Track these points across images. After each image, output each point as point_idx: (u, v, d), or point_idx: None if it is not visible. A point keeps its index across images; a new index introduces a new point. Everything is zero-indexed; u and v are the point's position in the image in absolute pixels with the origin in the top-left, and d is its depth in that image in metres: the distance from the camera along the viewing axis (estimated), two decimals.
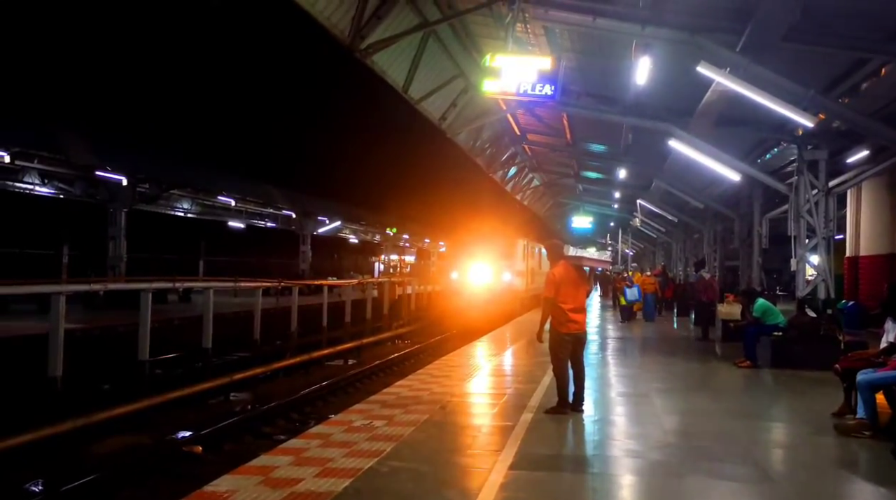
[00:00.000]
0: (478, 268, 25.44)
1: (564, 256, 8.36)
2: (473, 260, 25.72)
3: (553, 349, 8.00)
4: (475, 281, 25.24)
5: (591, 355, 12.42)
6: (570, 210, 49.99)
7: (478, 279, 25.23)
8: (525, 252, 27.19)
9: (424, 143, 23.19)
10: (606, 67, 15.72)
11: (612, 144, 23.70)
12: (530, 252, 28.36)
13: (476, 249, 25.83)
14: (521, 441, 6.60)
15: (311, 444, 6.36)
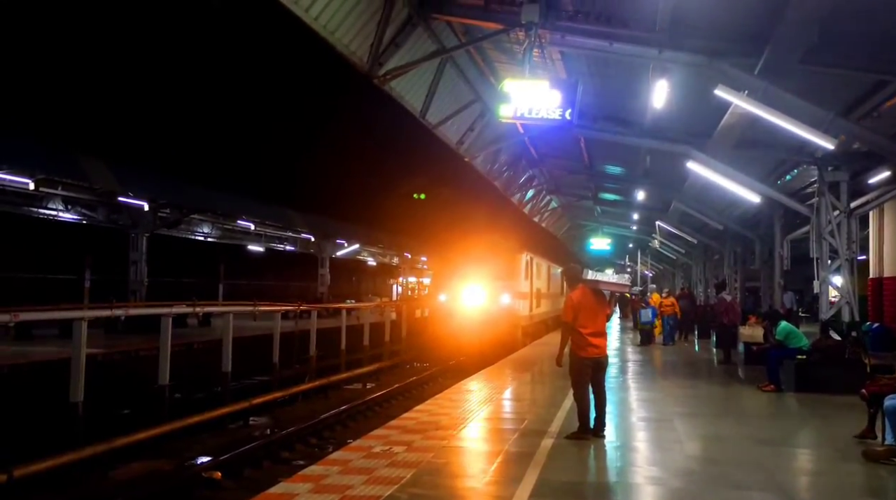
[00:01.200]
0: (466, 289, 21.02)
1: (583, 279, 8.32)
2: (461, 279, 21.24)
3: (573, 374, 7.96)
4: (463, 305, 20.89)
5: (611, 379, 12.29)
6: (588, 232, 49.80)
7: (467, 303, 20.91)
8: (529, 270, 22.81)
9: (442, 166, 23.35)
10: (623, 91, 15.75)
11: (630, 166, 23.66)
12: (537, 271, 24.26)
13: (465, 265, 21.31)
14: (542, 468, 6.54)
15: (330, 470, 6.34)
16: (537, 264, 24.36)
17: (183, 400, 14.00)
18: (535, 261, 24.00)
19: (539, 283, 24.60)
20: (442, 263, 23.60)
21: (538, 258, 24.83)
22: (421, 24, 13.47)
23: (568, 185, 32.34)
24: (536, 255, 24.47)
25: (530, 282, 22.86)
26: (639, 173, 23.72)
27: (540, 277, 24.89)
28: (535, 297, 23.79)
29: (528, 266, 22.55)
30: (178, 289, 27.70)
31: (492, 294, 20.90)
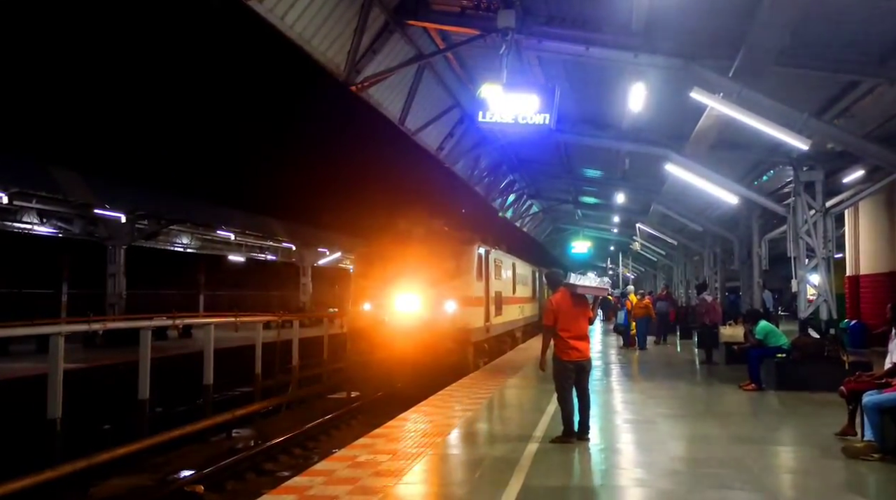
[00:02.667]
0: (395, 294, 15.31)
1: (563, 283, 8.33)
2: (388, 281, 15.45)
3: (557, 378, 7.95)
4: (392, 316, 15.18)
5: (595, 382, 12.31)
6: (569, 235, 50.04)
7: (396, 313, 15.17)
8: (485, 267, 17.15)
9: (422, 172, 23.34)
10: (601, 94, 15.86)
11: (609, 169, 23.81)
12: (498, 269, 18.93)
13: (394, 262, 15.65)
14: (526, 473, 6.52)
15: (314, 481, 6.28)
16: (498, 260, 18.84)
17: (164, 414, 13.83)
18: (495, 257, 18.48)
19: (501, 284, 19.07)
20: (364, 260, 17.28)
21: (500, 254, 19.39)
22: (398, 31, 13.47)
23: (548, 189, 32.49)
24: (498, 249, 19.33)
25: (486, 283, 17.06)
26: (618, 176, 23.87)
27: (502, 276, 19.31)
28: (496, 303, 18.08)
29: (483, 263, 16.85)
30: (157, 301, 27.41)
31: (430, 301, 15.12)
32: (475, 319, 16.04)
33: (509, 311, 20.60)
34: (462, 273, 15.84)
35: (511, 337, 21.74)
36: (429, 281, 15.32)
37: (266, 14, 10.69)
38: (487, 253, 17.45)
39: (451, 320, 15.18)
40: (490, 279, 17.50)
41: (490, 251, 17.83)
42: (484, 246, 17.34)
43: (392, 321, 15.12)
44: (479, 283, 16.60)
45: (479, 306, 16.42)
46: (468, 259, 16.13)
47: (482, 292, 16.83)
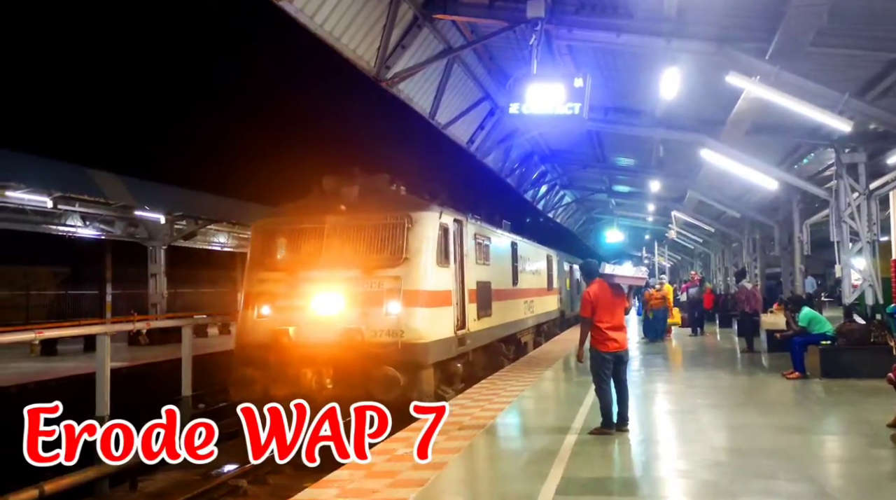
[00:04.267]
0: (308, 290, 10.81)
1: (600, 274, 8.27)
2: (298, 271, 11.02)
3: (594, 369, 7.92)
4: (304, 324, 10.58)
5: (632, 372, 12.21)
6: (603, 225, 49.58)
7: (305, 320, 10.61)
8: (456, 246, 12.10)
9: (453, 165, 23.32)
10: (633, 82, 15.64)
11: (643, 157, 23.48)
12: (480, 249, 13.74)
13: (308, 241, 11.30)
14: (566, 465, 6.51)
15: (355, 475, 6.34)
16: (482, 237, 13.81)
17: (206, 411, 14.10)
18: (477, 231, 13.49)
19: (489, 272, 14.11)
20: (264, 240, 11.73)
21: (485, 228, 14.35)
22: (426, 25, 13.45)
23: (581, 178, 32.21)
24: (483, 221, 14.33)
25: (459, 271, 12.04)
26: (652, 164, 23.54)
27: (489, 261, 14.23)
28: (480, 298, 13.14)
29: (453, 240, 11.86)
30: (196, 300, 27.91)
31: (359, 300, 10.48)
32: (436, 325, 10.74)
33: (507, 309, 15.58)
34: (412, 255, 10.59)
35: (514, 344, 16.85)
36: (360, 270, 10.47)
37: (296, 14, 10.77)
38: (461, 226, 12.24)
39: (392, 329, 10.17)
40: (467, 265, 12.39)
41: (464, 223, 12.49)
42: (452, 213, 11.90)
43: (301, 335, 10.23)
44: (444, 270, 11.29)
45: (442, 306, 11.06)
46: (421, 233, 10.76)
47: (450, 283, 11.47)
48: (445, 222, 11.58)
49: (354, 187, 11.42)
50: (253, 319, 10.89)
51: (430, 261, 10.84)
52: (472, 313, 12.55)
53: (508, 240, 16.80)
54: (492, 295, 14.10)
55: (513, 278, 16.85)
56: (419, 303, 10.49)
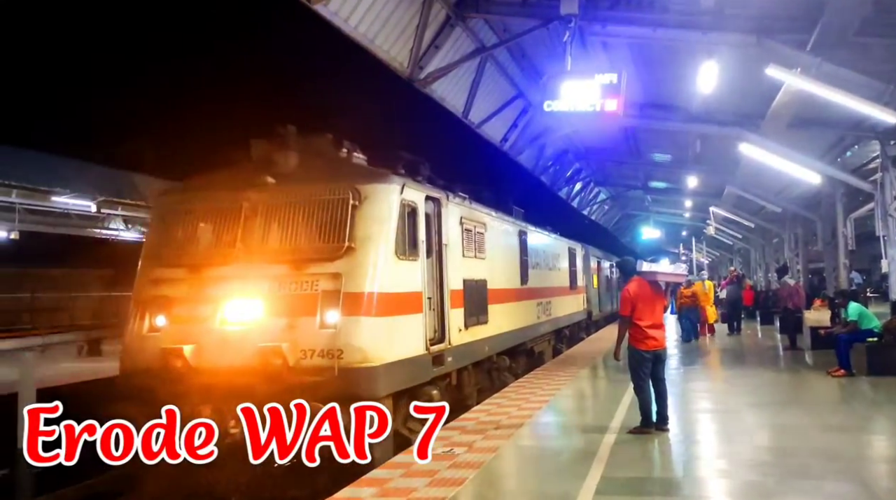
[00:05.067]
0: (219, 293, 7.95)
1: (638, 271, 8.20)
2: (205, 267, 8.22)
3: (633, 368, 7.84)
4: (210, 341, 7.72)
5: (671, 371, 12.06)
6: (639, 222, 49.04)
7: (219, 334, 7.77)
8: (437, 234, 9.43)
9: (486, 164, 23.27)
10: (669, 76, 15.44)
11: (679, 152, 23.17)
12: (469, 236, 10.76)
13: (222, 225, 8.38)
14: (605, 464, 6.45)
15: (393, 474, 6.38)
16: (472, 221, 10.85)
17: None
18: (464, 214, 10.52)
19: (480, 267, 11.13)
20: (165, 225, 8.84)
21: (476, 209, 11.25)
22: (459, 25, 13.47)
23: (616, 175, 31.91)
24: (471, 202, 11.11)
25: (434, 264, 9.28)
26: (689, 159, 23.21)
27: (483, 251, 11.27)
28: (464, 302, 10.13)
29: (423, 223, 8.95)
30: None
31: (282, 307, 7.75)
32: (395, 341, 7.90)
33: (511, 313, 12.81)
34: (360, 244, 7.79)
35: (523, 355, 13.90)
36: (287, 264, 7.81)
37: (331, 17, 10.88)
38: (438, 206, 9.34)
39: (327, 348, 7.36)
40: (449, 258, 9.53)
41: (444, 202, 9.52)
42: (424, 189, 9.07)
43: (201, 357, 7.57)
44: (409, 264, 8.37)
45: (406, 314, 8.24)
46: (373, 213, 7.95)
47: (419, 281, 8.58)
48: (412, 200, 8.50)
49: (290, 153, 8.44)
50: (141, 334, 8.02)
51: (386, 252, 7.83)
52: (456, 320, 9.57)
53: (514, 228, 13.77)
54: (488, 297, 11.23)
55: (521, 276, 13.86)
56: (368, 310, 7.50)
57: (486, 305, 11.18)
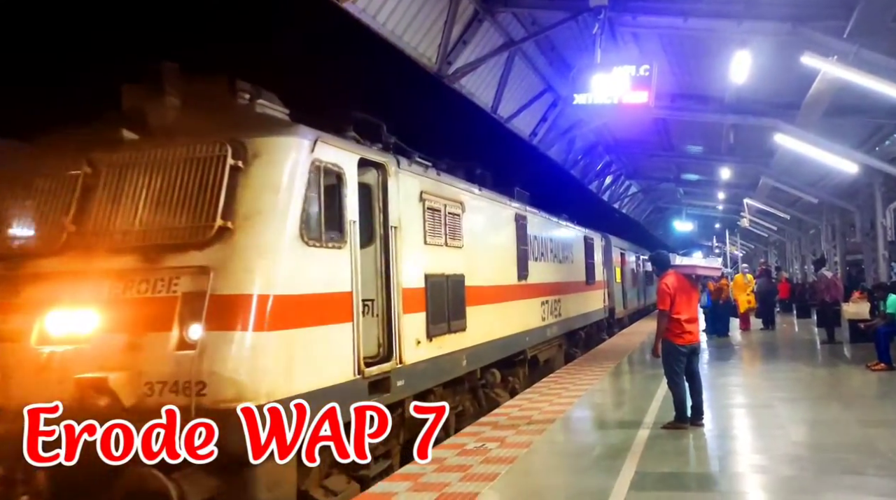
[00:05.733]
0: (37, 299, 5.61)
1: (672, 265, 8.13)
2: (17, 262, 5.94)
3: (667, 362, 7.77)
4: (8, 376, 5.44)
5: (704, 365, 11.93)
6: (670, 215, 48.50)
7: (26, 360, 5.42)
8: (382, 209, 7.05)
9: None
10: (701, 66, 15.23)
11: (712, 144, 22.84)
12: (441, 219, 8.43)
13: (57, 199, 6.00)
14: (639, 459, 6.42)
15: (426, 469, 6.41)
16: (434, 197, 8.32)
17: None
18: (423, 187, 8.05)
19: (453, 258, 8.81)
20: None
21: (445, 183, 8.88)
22: (487, 19, 13.44)
23: (647, 167, 31.60)
24: (436, 171, 8.75)
25: (379, 255, 7.03)
26: (722, 151, 22.88)
27: (458, 238, 8.97)
28: (427, 304, 7.84)
29: (352, 197, 6.47)
30: None
31: (122, 319, 5.34)
32: (298, 365, 5.58)
33: (501, 316, 10.51)
34: (241, 222, 5.54)
35: (519, 367, 11.62)
36: (136, 255, 5.66)
37: (360, 14, 10.94)
38: (383, 175, 7.12)
39: (183, 378, 5.07)
40: (400, 246, 7.25)
41: (390, 169, 7.21)
42: (359, 149, 6.86)
43: (5, 395, 5.44)
44: (326, 254, 6.06)
45: (328, 324, 6.03)
46: (265, 179, 5.71)
47: (345, 278, 6.31)
48: (334, 163, 6.13)
49: (167, 100, 6.13)
50: None
51: (286, 234, 5.55)
52: (412, 329, 7.31)
53: (509, 212, 11.36)
54: (466, 296, 8.93)
55: (519, 269, 11.53)
56: (251, 322, 5.22)
57: (464, 307, 8.85)
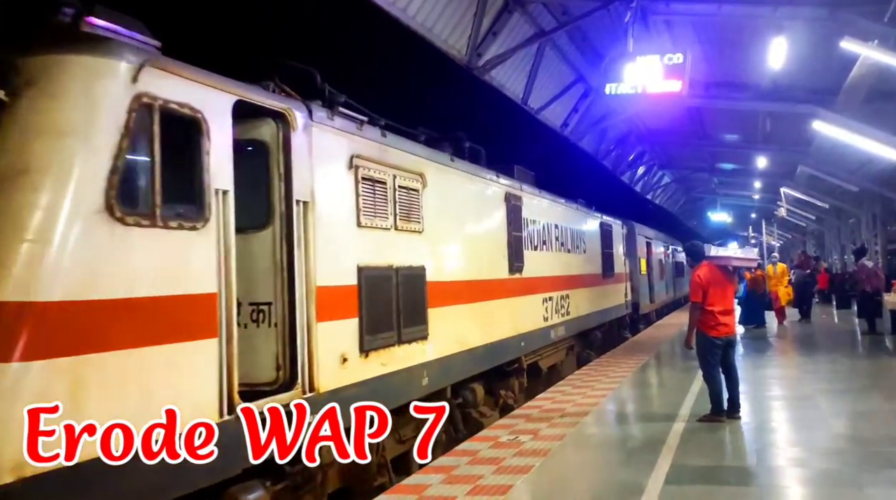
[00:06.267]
0: None
1: (707, 256, 8.02)
2: None
3: (702, 354, 7.69)
4: None
5: (741, 357, 11.75)
6: (705, 205, 47.81)
7: None
8: (290, 183, 5.15)
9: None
10: (736, 54, 14.95)
11: (748, 132, 22.46)
12: (382, 199, 6.47)
13: None
14: (675, 453, 6.36)
15: (460, 461, 6.43)
16: (375, 163, 6.41)
17: None
18: (354, 150, 6.10)
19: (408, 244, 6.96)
20: None
21: (393, 145, 6.90)
22: (517, 10, 13.36)
23: (680, 157, 31.19)
24: (381, 131, 6.77)
25: (276, 239, 5.16)
26: (758, 139, 22.50)
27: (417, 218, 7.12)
28: (361, 307, 6.00)
29: (237, 157, 4.75)
30: None
31: None
32: (102, 411, 3.72)
33: (484, 318, 8.78)
34: (2, 187, 3.62)
35: (518, 377, 10.11)
36: None
37: (388, 7, 10.94)
38: (285, 128, 5.23)
39: None
40: (315, 226, 5.42)
41: (294, 123, 5.27)
42: (220, 84, 4.73)
43: None
44: (176, 235, 4.25)
45: (185, 340, 4.27)
46: (50, 116, 3.78)
47: (206, 271, 4.46)
48: (180, 102, 4.36)
49: None
50: None
51: (75, 206, 3.75)
52: (335, 343, 5.60)
53: (496, 190, 9.59)
54: (426, 295, 7.13)
55: (510, 260, 9.73)
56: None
57: (425, 308, 7.07)
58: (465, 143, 9.21)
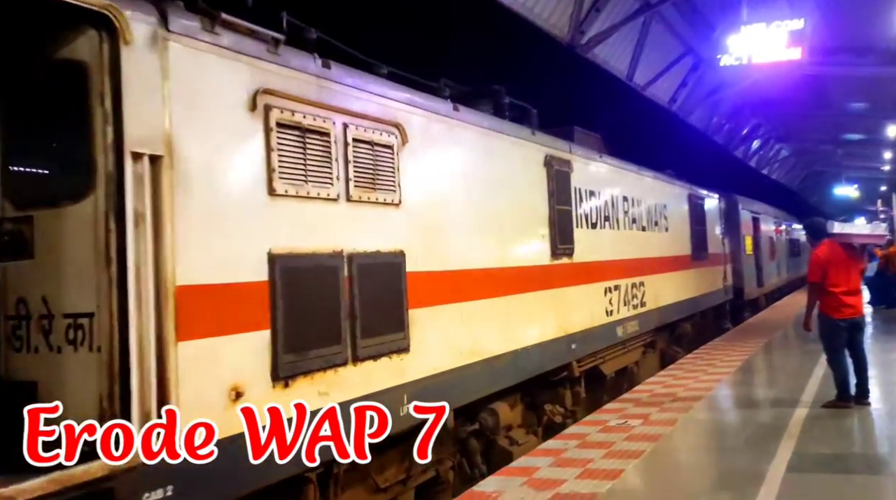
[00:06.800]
0: None
1: (828, 233, 7.53)
2: None
3: (826, 337, 7.27)
4: None
5: (869, 339, 10.99)
6: (827, 179, 44.89)
7: None
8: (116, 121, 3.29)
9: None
10: (861, 16, 13.89)
11: (875, 99, 20.89)
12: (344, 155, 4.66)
13: None
14: (797, 440, 6.06)
15: (569, 444, 6.41)
16: (296, 99, 4.35)
17: None
18: (256, 76, 4.07)
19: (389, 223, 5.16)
20: None
21: (327, 80, 4.64)
22: None
23: (800, 129, 29.45)
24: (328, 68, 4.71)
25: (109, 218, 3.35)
26: (889, 106, 20.88)
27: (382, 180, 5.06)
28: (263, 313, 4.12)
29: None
30: None
31: None
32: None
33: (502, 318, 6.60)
34: None
35: (573, 387, 8.15)
36: None
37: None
38: (108, 36, 3.36)
39: None
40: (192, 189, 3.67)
41: (138, 28, 3.41)
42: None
43: None
44: None
45: None
46: None
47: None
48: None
49: None
50: None
51: None
52: (215, 371, 3.94)
53: (530, 153, 7.53)
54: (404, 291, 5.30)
55: (553, 242, 7.71)
56: None
57: (403, 309, 5.26)
58: (505, 99, 7.40)
